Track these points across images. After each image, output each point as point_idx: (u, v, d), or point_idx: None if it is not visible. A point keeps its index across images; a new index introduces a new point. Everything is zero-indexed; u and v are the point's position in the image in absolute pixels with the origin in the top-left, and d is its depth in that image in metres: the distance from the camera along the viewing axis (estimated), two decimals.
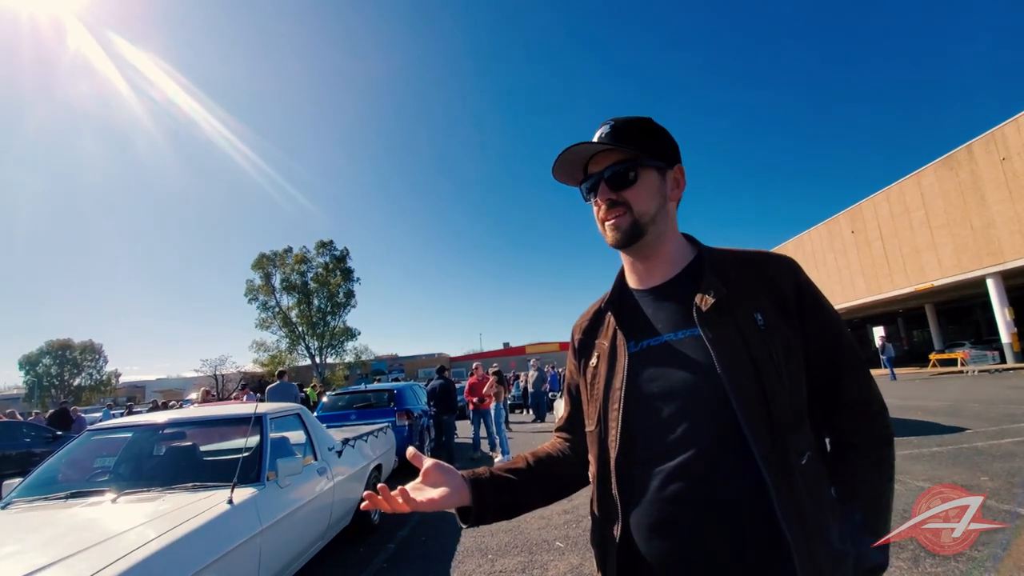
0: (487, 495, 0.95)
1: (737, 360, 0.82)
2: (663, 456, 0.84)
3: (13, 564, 2.00)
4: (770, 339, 0.84)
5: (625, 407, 0.89)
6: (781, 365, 0.83)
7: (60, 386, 51.17)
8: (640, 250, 0.96)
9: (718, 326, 0.85)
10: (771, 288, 0.89)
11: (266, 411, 3.57)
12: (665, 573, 0.83)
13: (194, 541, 2.34)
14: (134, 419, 4.12)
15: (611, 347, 0.96)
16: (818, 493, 0.81)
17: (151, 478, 3.29)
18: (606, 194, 0.94)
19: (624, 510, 0.87)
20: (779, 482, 0.77)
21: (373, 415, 7.70)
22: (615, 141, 0.93)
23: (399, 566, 3.90)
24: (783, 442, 0.79)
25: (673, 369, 0.87)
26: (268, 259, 41.31)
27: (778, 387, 0.82)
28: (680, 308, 0.91)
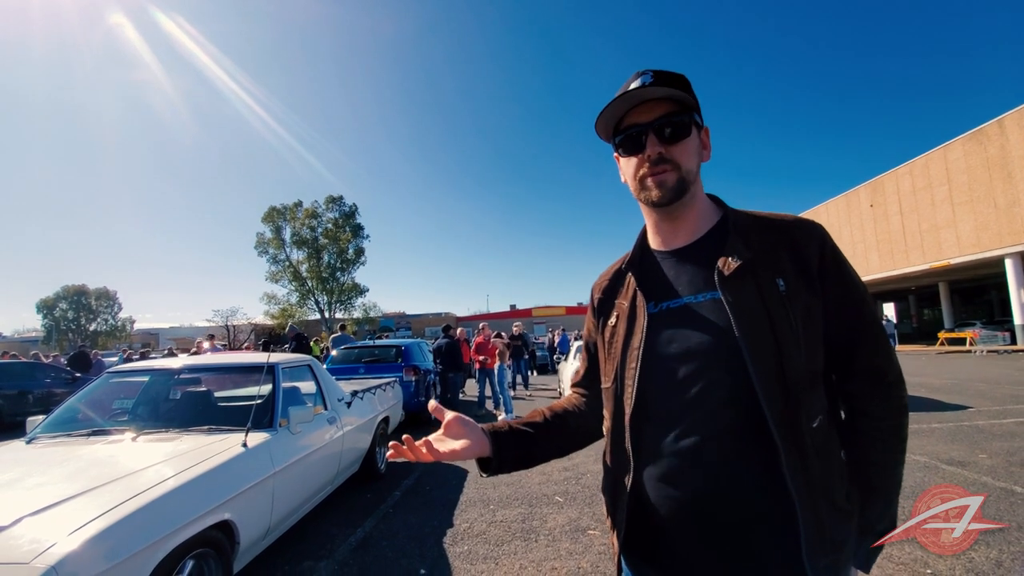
0: (506, 447, 0.99)
1: (756, 325, 0.82)
2: (677, 414, 0.86)
3: (39, 494, 2.11)
4: (791, 305, 0.84)
5: (642, 366, 0.90)
6: (799, 331, 0.83)
7: (77, 330, 52.54)
8: (675, 210, 0.94)
9: (739, 290, 0.85)
10: (795, 253, 0.88)
11: (278, 361, 3.66)
12: (673, 521, 0.86)
13: (211, 480, 2.45)
14: (150, 363, 4.24)
15: (631, 307, 0.97)
16: (827, 456, 0.83)
17: (169, 420, 3.42)
18: (655, 147, 0.90)
19: (636, 463, 0.90)
20: (788, 443, 0.79)
21: (381, 370, 7.87)
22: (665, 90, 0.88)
23: (404, 512, 4.08)
24: (796, 405, 0.80)
25: (691, 331, 0.87)
26: (278, 212, 41.31)
27: (795, 352, 0.82)
28: (702, 271, 0.91)
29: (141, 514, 2.03)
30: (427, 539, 3.51)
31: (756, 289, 0.85)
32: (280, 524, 3.09)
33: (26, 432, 3.19)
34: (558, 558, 3.12)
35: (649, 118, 0.91)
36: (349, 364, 8.28)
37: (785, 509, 0.78)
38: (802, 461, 0.79)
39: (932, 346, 21.45)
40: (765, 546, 0.81)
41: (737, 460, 0.82)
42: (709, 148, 0.97)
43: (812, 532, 0.78)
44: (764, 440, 0.79)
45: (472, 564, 3.10)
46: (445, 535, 3.56)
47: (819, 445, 0.82)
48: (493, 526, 3.70)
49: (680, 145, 0.91)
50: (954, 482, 4.11)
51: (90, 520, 1.89)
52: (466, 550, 3.31)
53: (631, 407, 0.91)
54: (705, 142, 0.97)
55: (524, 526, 3.67)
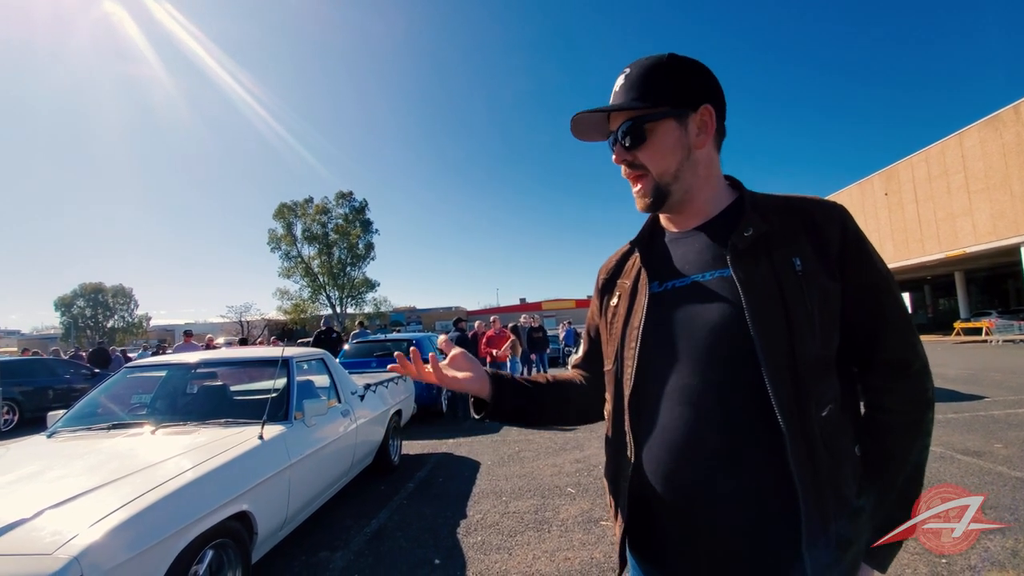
0: (505, 393, 1.00)
1: (767, 303, 0.79)
2: (677, 395, 0.84)
3: (61, 487, 2.16)
4: (807, 285, 0.80)
5: (642, 345, 0.88)
6: (815, 314, 0.79)
7: (95, 327, 53.46)
8: (670, 208, 0.93)
9: (752, 267, 0.82)
10: (814, 234, 0.84)
11: (292, 355, 3.71)
12: (672, 507, 0.84)
13: (228, 472, 2.50)
14: (167, 358, 4.31)
15: (633, 286, 0.95)
16: (836, 447, 0.79)
17: (186, 413, 3.48)
18: (621, 155, 0.91)
19: (636, 446, 0.88)
20: (795, 430, 0.75)
21: None
22: (624, 95, 0.89)
23: (418, 503, 4.13)
24: (805, 392, 0.77)
25: (697, 309, 0.85)
26: (290, 209, 41.54)
27: (808, 335, 0.79)
28: (712, 249, 0.88)
29: (161, 505, 2.07)
30: (441, 530, 3.55)
31: (770, 267, 0.82)
32: (296, 515, 3.14)
33: (47, 427, 3.27)
34: (571, 548, 3.14)
35: (614, 126, 0.91)
36: (362, 358, 8.35)
37: (788, 499, 0.75)
38: (808, 451, 0.76)
39: (948, 336, 21.14)
40: (766, 536, 0.78)
41: (740, 446, 0.79)
42: (710, 129, 0.89)
43: (815, 525, 0.75)
44: (769, 426, 0.76)
45: (486, 554, 3.13)
46: (459, 526, 3.60)
47: (828, 436, 0.78)
48: (506, 517, 3.73)
49: (643, 149, 0.88)
50: (969, 472, 4.08)
51: (111, 511, 1.93)
52: (479, 540, 3.34)
53: (630, 387, 0.89)
54: (705, 122, 0.89)
55: (537, 517, 3.69)
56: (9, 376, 9.59)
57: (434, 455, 5.73)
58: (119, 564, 1.80)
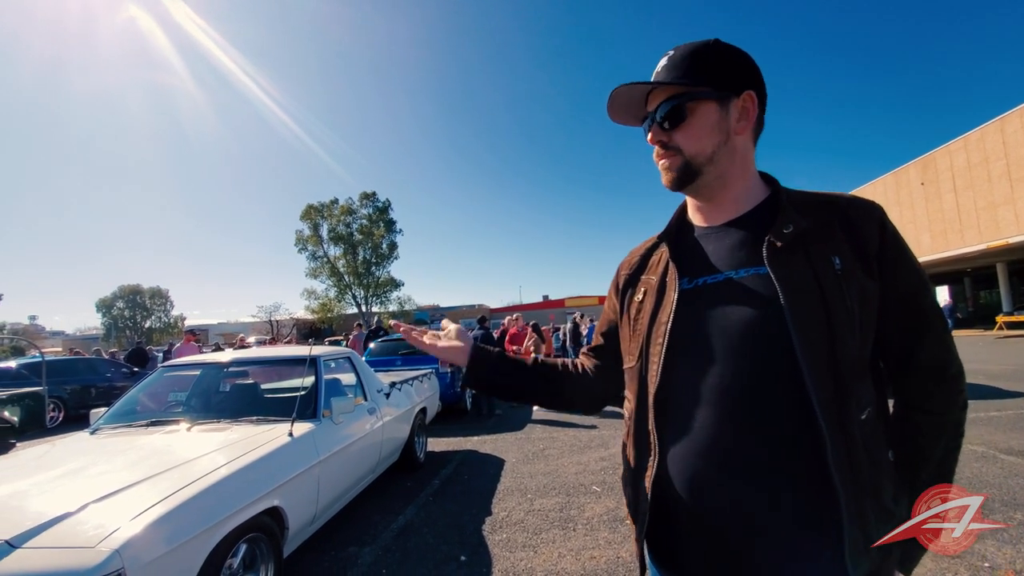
0: (481, 366, 1.07)
1: (807, 302, 0.76)
2: (709, 395, 0.81)
3: (103, 482, 2.25)
4: (846, 285, 0.78)
5: (669, 342, 0.85)
6: (855, 314, 0.77)
7: (133, 327, 55.53)
8: (700, 191, 0.91)
9: (790, 264, 0.79)
10: (852, 233, 0.82)
11: (320, 354, 3.78)
12: (700, 515, 0.81)
13: (260, 468, 2.57)
14: (201, 357, 4.45)
15: (660, 282, 0.92)
16: (876, 451, 0.78)
17: (219, 411, 3.58)
18: (656, 135, 0.89)
19: (661, 447, 0.85)
20: (836, 433, 0.73)
21: (418, 361, 8.00)
22: (668, 74, 0.86)
23: (443, 500, 4.17)
24: (846, 394, 0.75)
25: (731, 307, 0.82)
26: (316, 210, 42.32)
27: (849, 336, 0.76)
28: (747, 245, 0.85)
29: (198, 500, 2.14)
30: (466, 527, 3.58)
31: (809, 265, 0.79)
32: (326, 511, 3.21)
33: (90, 423, 3.41)
34: (597, 547, 3.13)
35: (654, 105, 0.90)
36: (387, 356, 8.46)
37: (828, 507, 0.73)
38: (849, 455, 0.73)
39: (990, 331, 20.23)
40: (805, 547, 0.75)
41: (777, 450, 0.76)
42: (752, 115, 0.87)
43: (857, 533, 0.72)
44: (808, 430, 0.74)
45: (511, 552, 3.14)
46: (484, 523, 3.62)
47: (868, 439, 0.76)
48: (531, 515, 3.73)
49: (681, 130, 0.87)
50: (1013, 472, 3.90)
51: (151, 506, 2.00)
52: (505, 538, 3.35)
53: (655, 386, 0.86)
54: (747, 108, 0.87)
55: (562, 515, 3.69)
56: (55, 375, 10.03)
57: (459, 452, 5.77)
58: (158, 557, 1.87)
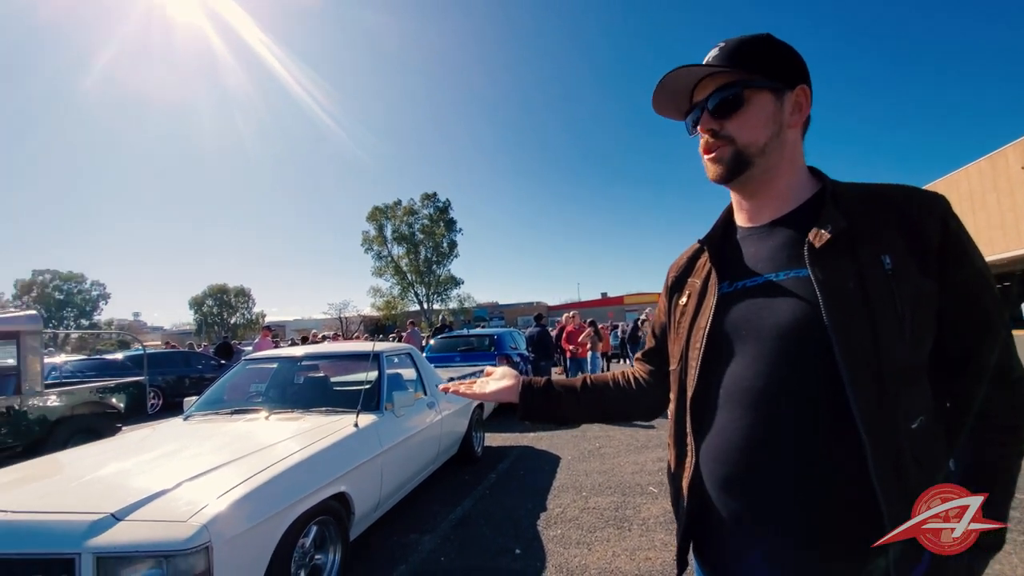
0: (533, 400, 1.09)
1: (849, 305, 0.73)
2: (743, 399, 0.80)
3: (194, 463, 2.50)
4: (897, 285, 0.74)
5: (707, 346, 0.86)
6: (905, 316, 0.73)
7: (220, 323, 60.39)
8: (746, 185, 0.88)
9: (832, 267, 0.76)
10: (909, 228, 0.77)
11: (382, 350, 3.98)
12: (729, 514, 0.82)
13: (330, 455, 2.76)
14: (278, 352, 4.80)
15: (702, 286, 0.92)
16: (929, 462, 0.74)
17: (294, 401, 3.86)
18: (708, 123, 0.86)
19: (696, 449, 0.87)
20: (879, 443, 0.70)
21: (475, 358, 8.20)
22: (722, 62, 0.84)
23: (500, 494, 4.26)
24: (892, 401, 0.71)
25: (769, 311, 0.80)
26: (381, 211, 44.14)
27: (897, 340, 0.73)
28: (788, 247, 0.83)
29: (275, 483, 2.34)
30: (521, 521, 3.64)
31: (854, 266, 0.75)
32: (389, 499, 3.38)
33: (183, 411, 3.79)
34: (652, 548, 3.08)
35: (704, 95, 0.87)
36: (446, 352, 8.72)
37: (870, 522, 0.70)
38: (896, 467, 0.70)
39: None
40: (843, 563, 0.73)
41: (814, 459, 0.74)
42: (805, 110, 0.86)
43: (902, 545, 0.69)
44: (849, 440, 0.71)
45: (565, 548, 3.17)
46: (539, 518, 3.67)
47: (919, 450, 0.73)
48: (586, 512, 3.73)
49: (735, 118, 0.84)
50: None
51: (234, 486, 2.21)
52: (559, 534, 3.38)
53: (693, 389, 0.87)
54: (800, 103, 0.85)
55: (617, 514, 3.66)
56: (155, 366, 11.13)
57: (515, 448, 5.86)
58: (240, 533, 2.06)
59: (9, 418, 5.13)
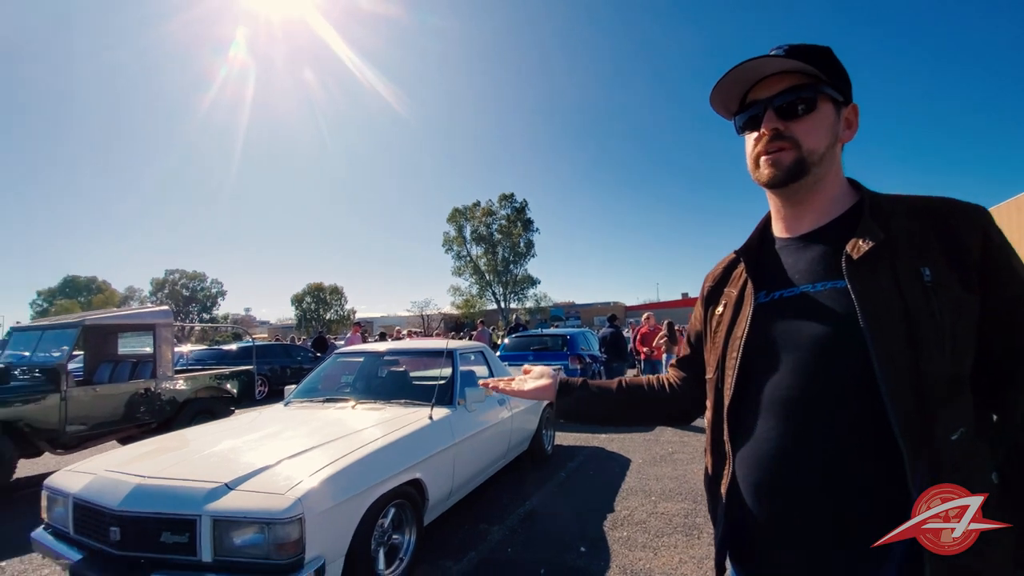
0: (569, 399, 1.12)
1: (888, 316, 0.73)
2: (780, 409, 0.81)
3: (292, 444, 2.83)
4: (937, 298, 0.73)
5: (743, 356, 0.87)
6: (945, 328, 0.73)
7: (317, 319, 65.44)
8: (795, 193, 0.87)
9: (870, 278, 0.76)
10: (949, 241, 0.76)
11: (456, 347, 4.19)
12: (768, 529, 0.83)
13: (407, 444, 2.99)
14: (364, 347, 5.20)
15: (739, 296, 0.93)
16: (969, 474, 0.72)
17: (377, 393, 4.19)
18: (772, 123, 0.84)
19: (733, 457, 0.88)
20: (918, 456, 0.69)
21: (548, 357, 8.29)
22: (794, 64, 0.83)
23: (568, 492, 4.32)
24: (931, 412, 0.71)
25: (806, 322, 0.80)
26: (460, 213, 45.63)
27: (936, 353, 0.72)
28: (825, 258, 0.83)
29: (359, 465, 2.59)
30: (588, 520, 3.68)
31: (893, 278, 0.75)
32: (461, 488, 3.57)
33: (284, 398, 4.24)
34: None
35: (769, 93, 0.86)
36: (519, 352, 8.89)
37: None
38: (934, 476, 0.69)
39: None
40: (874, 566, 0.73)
41: (851, 471, 0.74)
42: (855, 128, 0.88)
43: (940, 564, 0.68)
44: (887, 451, 0.71)
45: (631, 550, 3.17)
46: (605, 519, 3.69)
47: (959, 462, 0.71)
48: (654, 517, 3.70)
49: (803, 121, 0.83)
50: None
51: (325, 466, 2.48)
52: (625, 536, 3.39)
53: (729, 398, 0.88)
54: (850, 120, 0.87)
55: (686, 521, 3.59)
56: (262, 357, 12.43)
57: (586, 448, 5.88)
58: (328, 508, 2.32)
59: (147, 398, 6.01)
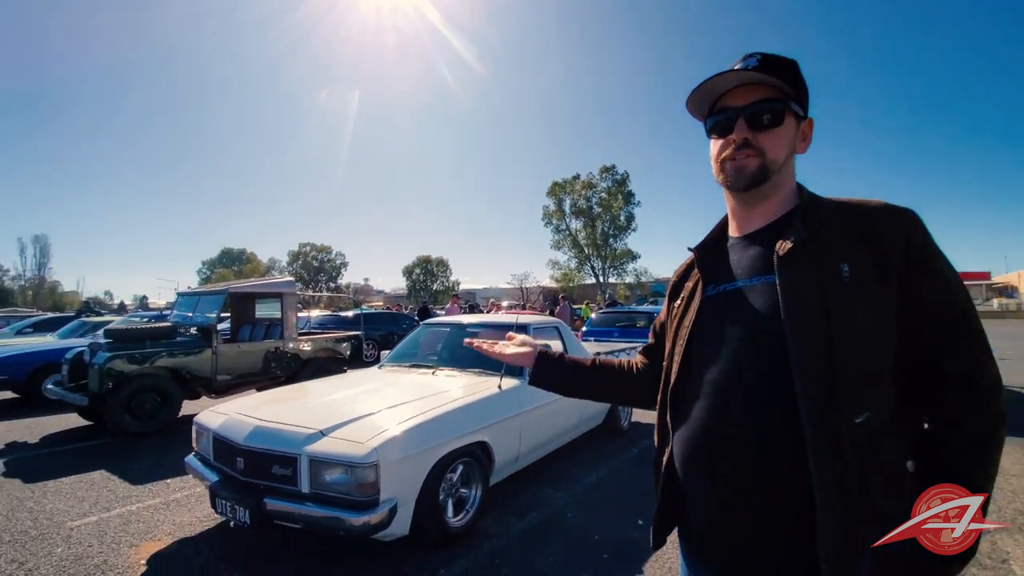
0: (544, 368, 1.23)
1: (806, 309, 0.80)
2: (709, 392, 0.89)
3: (382, 400, 3.25)
4: (853, 293, 0.80)
5: (687, 344, 0.96)
6: (858, 322, 0.79)
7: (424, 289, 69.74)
8: (752, 197, 0.94)
9: (794, 274, 0.83)
10: (872, 241, 0.82)
11: (529, 322, 4.40)
12: (695, 499, 0.92)
13: (477, 408, 3.29)
14: (446, 319, 5.61)
15: (692, 290, 1.02)
16: (872, 457, 0.77)
17: (456, 361, 4.52)
18: (743, 132, 0.90)
19: (672, 438, 0.97)
20: (819, 433, 0.75)
21: (633, 334, 8.20)
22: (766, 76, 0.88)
23: (637, 468, 4.38)
24: (839, 398, 0.76)
25: (739, 313, 0.89)
26: (560, 186, 45.37)
27: (847, 344, 0.78)
28: (761, 255, 0.91)
29: (430, 425, 2.92)
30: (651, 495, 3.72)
31: (814, 272, 0.82)
32: (527, 455, 3.81)
33: (379, 360, 4.76)
34: None
35: (741, 102, 0.91)
36: (605, 327, 8.90)
37: (805, 502, 0.76)
38: (833, 456, 0.75)
39: None
40: (780, 537, 0.81)
41: (762, 449, 0.82)
42: (809, 140, 0.95)
43: (833, 532, 0.74)
44: (795, 431, 0.77)
45: None
46: None
47: (863, 443, 0.76)
48: None
49: (769, 133, 0.90)
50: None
51: (402, 422, 2.84)
52: None
53: (672, 382, 0.98)
54: (805, 133, 0.95)
55: None
56: (373, 324, 13.78)
57: None
58: (400, 459, 2.67)
59: (277, 355, 7.04)
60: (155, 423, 5.86)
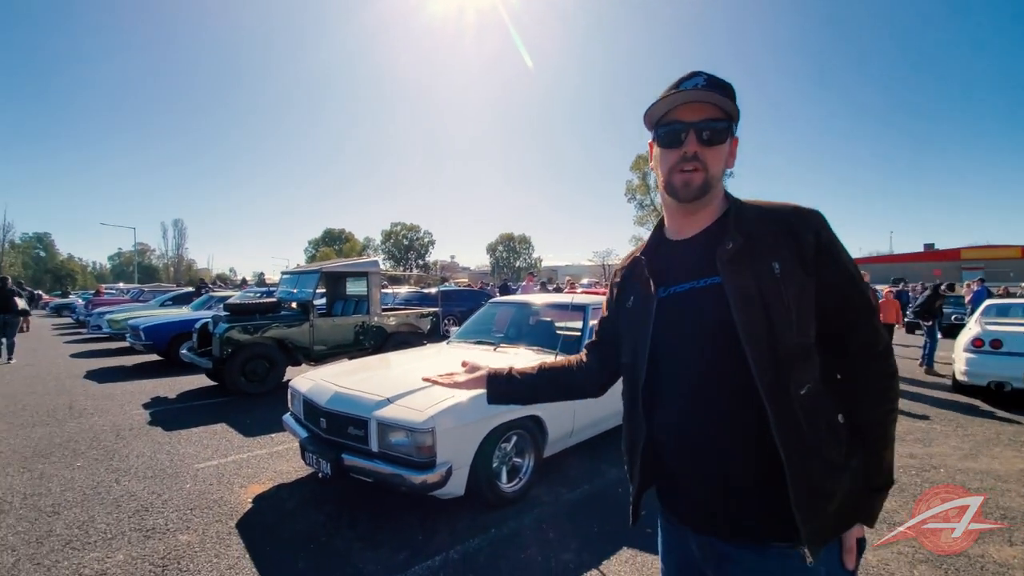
0: (496, 388, 1.33)
1: (750, 304, 0.94)
2: (682, 383, 1.03)
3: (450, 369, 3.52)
4: (785, 286, 0.94)
5: (652, 343, 1.06)
6: (791, 309, 0.93)
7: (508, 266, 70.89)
8: (694, 206, 1.05)
9: (736, 274, 0.96)
10: (792, 239, 0.97)
11: (586, 302, 4.47)
12: (680, 472, 1.05)
13: None
14: (509, 298, 5.82)
15: (644, 291, 1.11)
16: (816, 419, 0.93)
17: (516, 338, 4.74)
18: (693, 146, 1.00)
19: (648, 424, 1.08)
20: (778, 408, 0.91)
21: None
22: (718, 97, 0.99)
23: None
24: (786, 375, 0.92)
25: (694, 312, 1.02)
26: (644, 160, 43.52)
27: (786, 330, 0.93)
28: (705, 258, 1.01)
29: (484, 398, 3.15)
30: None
31: (752, 272, 0.95)
32: (581, 431, 3.95)
33: (449, 336, 5.11)
34: None
35: (692, 118, 1.00)
36: None
37: (775, 466, 0.91)
38: (792, 424, 0.91)
39: None
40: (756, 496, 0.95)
41: (734, 424, 0.96)
42: (735, 157, 1.08)
43: (801, 484, 0.89)
44: (755, 407, 0.92)
45: None
46: None
47: (808, 409, 0.93)
48: None
49: (714, 149, 1.01)
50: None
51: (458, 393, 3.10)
52: None
53: (643, 380, 1.08)
54: (734, 151, 1.07)
55: None
56: (454, 300, 14.44)
57: None
58: (455, 427, 2.94)
59: (363, 329, 7.72)
60: (264, 385, 6.75)
